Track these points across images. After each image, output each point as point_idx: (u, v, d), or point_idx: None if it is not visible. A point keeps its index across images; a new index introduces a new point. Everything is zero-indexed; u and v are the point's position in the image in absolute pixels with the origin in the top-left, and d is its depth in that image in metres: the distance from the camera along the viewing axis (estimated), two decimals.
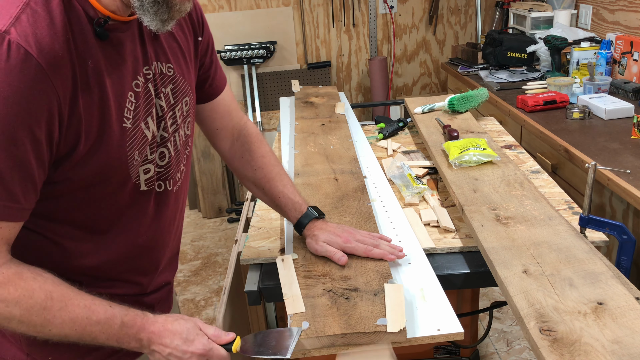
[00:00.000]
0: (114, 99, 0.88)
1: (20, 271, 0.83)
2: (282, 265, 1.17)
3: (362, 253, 1.15)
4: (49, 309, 0.83)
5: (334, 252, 1.14)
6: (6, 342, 1.00)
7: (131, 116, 0.92)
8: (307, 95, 2.43)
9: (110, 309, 0.89)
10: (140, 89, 0.94)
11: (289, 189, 1.23)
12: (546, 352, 0.85)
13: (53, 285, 0.85)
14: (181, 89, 1.04)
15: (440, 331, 0.99)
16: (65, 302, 0.85)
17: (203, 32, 1.12)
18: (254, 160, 1.24)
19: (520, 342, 2.41)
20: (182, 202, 1.13)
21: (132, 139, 0.92)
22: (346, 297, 1.04)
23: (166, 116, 1.00)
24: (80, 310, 0.86)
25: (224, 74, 1.23)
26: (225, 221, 3.74)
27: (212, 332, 0.96)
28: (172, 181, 1.05)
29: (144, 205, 1.00)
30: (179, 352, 0.91)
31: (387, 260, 1.15)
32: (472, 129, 1.86)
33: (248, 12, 3.69)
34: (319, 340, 0.95)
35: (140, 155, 0.95)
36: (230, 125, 1.25)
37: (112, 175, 0.92)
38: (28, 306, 0.82)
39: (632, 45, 2.46)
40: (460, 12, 3.84)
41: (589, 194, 1.19)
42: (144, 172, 0.98)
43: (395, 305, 0.99)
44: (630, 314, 0.92)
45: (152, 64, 0.97)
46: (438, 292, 1.09)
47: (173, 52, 1.02)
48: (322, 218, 1.22)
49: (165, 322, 0.93)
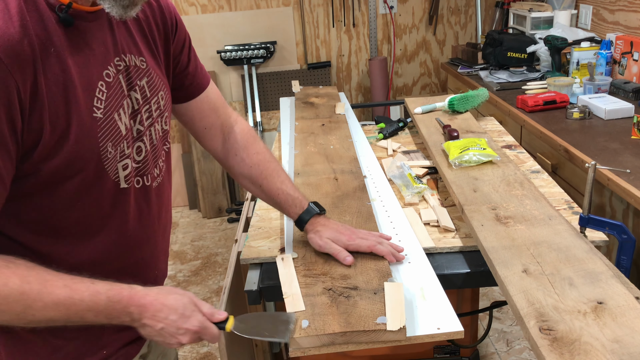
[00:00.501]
0: (82, 87, 0.86)
1: None
2: (282, 264, 1.17)
3: (365, 249, 1.15)
4: (27, 294, 0.80)
5: (339, 251, 1.14)
6: None
7: (102, 106, 0.89)
8: (307, 95, 2.43)
9: (93, 285, 0.86)
10: (111, 79, 0.91)
11: (287, 185, 1.21)
12: (546, 352, 0.85)
13: (27, 269, 0.82)
14: (155, 83, 1.02)
15: (440, 330, 0.99)
16: (43, 285, 0.82)
17: (176, 31, 1.10)
18: (249, 158, 1.22)
19: (520, 342, 2.41)
20: (165, 198, 1.10)
21: (103, 129, 0.89)
22: (346, 296, 1.04)
23: (141, 110, 0.98)
24: (61, 291, 0.82)
25: (206, 73, 1.21)
26: (225, 221, 3.74)
27: (206, 309, 0.94)
28: (150, 177, 1.02)
29: (125, 203, 0.97)
30: (173, 327, 0.90)
31: (389, 260, 1.15)
32: (472, 129, 1.86)
33: (248, 12, 3.69)
34: (318, 339, 0.95)
35: (114, 148, 0.92)
36: (219, 123, 1.22)
37: (85, 167, 0.88)
38: (5, 294, 0.79)
39: (632, 45, 2.46)
40: (460, 12, 3.84)
41: (589, 193, 1.19)
42: (123, 168, 0.95)
43: (395, 304, 1.00)
44: (630, 313, 0.92)
45: (126, 55, 0.95)
46: (438, 291, 1.09)
47: (145, 46, 1.01)
48: (323, 214, 1.21)
49: (158, 296, 0.91)
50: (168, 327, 0.90)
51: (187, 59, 1.14)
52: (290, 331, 0.95)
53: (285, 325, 0.96)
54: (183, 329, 0.90)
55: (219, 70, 3.77)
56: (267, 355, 1.49)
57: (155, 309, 0.89)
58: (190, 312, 0.92)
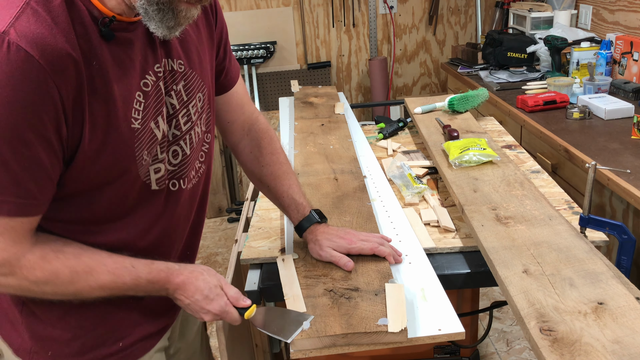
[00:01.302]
0: (121, 99, 0.88)
1: (44, 253, 0.89)
2: (283, 265, 1.17)
3: (368, 251, 1.15)
4: (76, 282, 0.90)
5: (340, 258, 1.13)
6: (13, 331, 1.03)
7: (140, 116, 0.91)
8: (307, 95, 2.43)
9: (134, 270, 0.94)
10: (149, 88, 0.93)
11: (293, 189, 1.21)
12: (546, 352, 0.85)
13: (76, 258, 0.90)
14: (194, 85, 1.03)
15: (441, 331, 0.98)
16: (90, 273, 0.91)
17: (217, 22, 1.10)
18: (262, 157, 1.23)
19: (520, 342, 2.41)
20: (199, 198, 1.12)
21: (140, 139, 0.92)
22: (347, 297, 1.04)
23: (178, 114, 1.00)
24: (106, 277, 0.92)
25: (238, 66, 1.22)
26: (225, 221, 3.74)
27: (233, 293, 1.01)
28: (187, 179, 1.05)
29: (154, 203, 1.00)
30: (197, 306, 0.99)
31: (389, 261, 1.15)
32: (472, 129, 1.86)
33: (248, 12, 3.69)
34: (320, 340, 0.95)
35: (149, 154, 0.94)
36: (242, 119, 1.24)
37: (121, 175, 0.92)
38: (57, 284, 0.89)
39: (632, 46, 2.46)
40: (460, 12, 3.84)
41: (589, 193, 1.19)
42: (155, 171, 0.97)
43: (396, 305, 0.99)
44: (631, 313, 0.92)
45: (162, 61, 0.95)
46: (439, 291, 1.09)
47: (184, 47, 1.00)
48: (324, 222, 1.20)
49: (190, 276, 0.99)
50: (193, 304, 0.99)
51: (224, 52, 1.15)
52: (296, 333, 0.96)
53: (296, 325, 0.97)
54: (205, 309, 0.99)
55: None
56: (267, 355, 1.49)
57: (185, 288, 0.98)
58: (214, 295, 0.99)
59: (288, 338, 0.95)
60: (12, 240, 0.85)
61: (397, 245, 1.24)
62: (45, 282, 0.89)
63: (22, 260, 0.87)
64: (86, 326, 1.01)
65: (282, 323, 0.99)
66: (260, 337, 1.45)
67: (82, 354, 1.02)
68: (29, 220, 0.86)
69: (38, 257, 0.88)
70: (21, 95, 0.76)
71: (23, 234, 0.86)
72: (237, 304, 1.01)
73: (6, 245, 0.85)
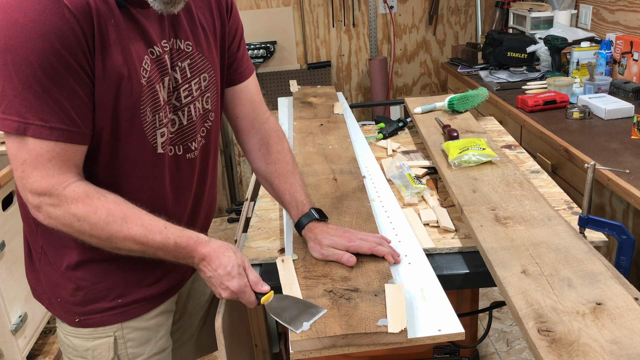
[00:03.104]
0: (135, 55, 0.98)
1: (88, 190, 0.97)
2: (282, 266, 1.17)
3: (366, 250, 1.15)
4: (111, 224, 0.97)
5: (342, 255, 1.14)
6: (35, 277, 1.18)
7: (147, 75, 1.01)
8: (305, 95, 2.43)
9: (165, 230, 1.00)
10: (155, 56, 1.02)
11: (296, 188, 1.23)
12: (544, 353, 0.85)
13: (115, 204, 0.98)
14: (199, 65, 1.12)
15: (441, 331, 0.98)
16: (125, 220, 0.98)
17: (230, 18, 1.20)
18: (269, 155, 1.27)
19: (520, 342, 2.41)
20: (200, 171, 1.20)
21: (145, 95, 1.01)
22: (347, 298, 1.04)
23: (180, 88, 1.09)
24: (139, 229, 0.98)
25: (252, 65, 1.29)
26: (225, 221, 3.74)
27: (253, 277, 1.05)
28: (183, 147, 1.13)
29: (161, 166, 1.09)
30: (217, 280, 1.03)
31: (388, 261, 1.15)
32: (472, 128, 1.86)
33: (248, 12, 3.69)
34: (320, 341, 0.95)
35: (152, 114, 1.03)
36: (252, 116, 1.29)
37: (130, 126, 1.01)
38: (94, 221, 0.96)
39: (632, 45, 2.46)
40: (460, 12, 3.84)
41: (588, 194, 1.19)
42: (161, 135, 1.06)
43: (395, 306, 0.99)
44: (629, 314, 0.92)
45: (170, 39, 1.06)
46: (438, 292, 1.09)
47: (194, 32, 1.10)
48: (323, 221, 1.21)
49: (217, 250, 1.04)
50: (214, 278, 1.03)
51: (238, 47, 1.24)
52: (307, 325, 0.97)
53: (308, 317, 0.99)
54: (225, 285, 1.03)
55: None
56: (266, 355, 1.49)
57: (210, 260, 1.03)
58: (236, 273, 1.03)
59: (297, 329, 0.97)
60: (59, 167, 0.94)
61: (396, 246, 1.24)
62: (84, 218, 0.96)
63: (67, 191, 0.95)
64: (89, 279, 1.10)
65: (295, 313, 1.01)
66: (260, 337, 1.45)
67: (84, 304, 1.12)
68: (75, 148, 0.96)
69: (82, 191, 0.96)
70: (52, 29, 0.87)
71: (69, 164, 0.95)
72: (255, 288, 1.05)
73: (53, 172, 0.94)
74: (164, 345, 1.25)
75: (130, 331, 1.17)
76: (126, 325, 1.16)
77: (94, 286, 1.12)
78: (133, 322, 1.17)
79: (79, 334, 1.15)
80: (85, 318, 1.14)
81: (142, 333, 1.19)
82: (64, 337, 1.18)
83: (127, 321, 1.16)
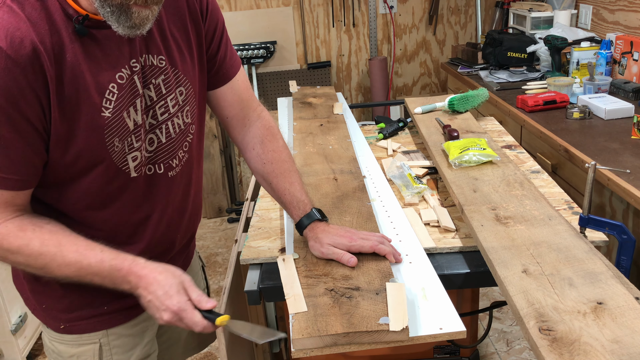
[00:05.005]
0: (94, 89, 0.95)
1: (22, 224, 0.96)
2: (284, 265, 1.17)
3: (368, 249, 1.14)
4: (44, 255, 0.95)
5: (342, 254, 1.13)
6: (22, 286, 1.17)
7: (111, 106, 0.97)
8: (305, 95, 2.43)
9: (101, 253, 0.97)
10: (124, 81, 0.99)
11: (295, 187, 1.21)
12: (545, 352, 0.85)
13: (50, 233, 0.97)
14: (173, 80, 1.07)
15: (443, 330, 0.98)
16: (59, 249, 0.96)
17: (207, 20, 1.13)
18: (264, 154, 1.24)
19: (520, 342, 2.41)
20: (185, 185, 1.17)
21: (110, 127, 0.98)
22: (348, 297, 1.04)
23: (155, 106, 1.05)
24: (73, 255, 0.96)
25: (237, 62, 1.23)
26: (225, 221, 3.74)
27: (195, 295, 0.99)
28: (164, 165, 1.10)
29: (134, 189, 1.07)
30: (157, 301, 0.97)
31: (389, 260, 1.15)
32: (472, 129, 1.86)
33: (248, 12, 3.69)
34: (321, 340, 0.95)
35: (121, 142, 1.00)
36: (242, 115, 1.25)
37: (96, 163, 0.99)
38: (27, 253, 0.95)
39: (632, 45, 2.46)
40: (460, 12, 3.84)
41: (588, 193, 1.19)
42: (132, 159, 1.04)
43: (397, 304, 1.00)
44: (630, 313, 0.92)
45: (142, 56, 1.01)
46: (439, 291, 1.09)
47: (166, 46, 1.06)
48: (324, 221, 1.20)
49: (154, 271, 0.99)
50: (154, 300, 0.97)
51: (216, 49, 1.17)
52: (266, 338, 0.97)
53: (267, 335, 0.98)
54: (164, 305, 0.96)
55: None
56: (267, 355, 1.49)
57: (148, 282, 0.98)
58: (174, 292, 0.97)
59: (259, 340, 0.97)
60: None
61: (397, 245, 1.24)
62: (17, 251, 0.95)
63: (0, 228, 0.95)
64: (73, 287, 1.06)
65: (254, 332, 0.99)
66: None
67: (69, 311, 1.12)
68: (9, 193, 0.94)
69: (15, 226, 0.95)
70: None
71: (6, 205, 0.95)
72: (199, 306, 0.97)
73: None
74: (150, 350, 1.23)
75: (115, 338, 1.16)
76: (111, 332, 1.16)
77: (79, 294, 1.10)
78: (118, 328, 1.16)
79: (64, 340, 1.15)
80: (71, 325, 1.13)
81: (128, 339, 1.18)
82: (49, 342, 1.18)
83: (112, 328, 1.16)
